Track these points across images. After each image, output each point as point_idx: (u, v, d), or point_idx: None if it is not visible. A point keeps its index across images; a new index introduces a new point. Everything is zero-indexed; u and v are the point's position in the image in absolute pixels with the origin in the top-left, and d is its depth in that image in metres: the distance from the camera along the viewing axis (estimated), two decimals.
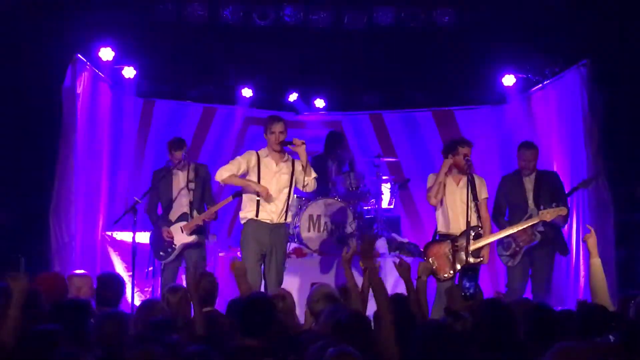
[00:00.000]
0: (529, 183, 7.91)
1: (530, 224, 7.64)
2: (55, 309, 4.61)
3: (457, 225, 7.50)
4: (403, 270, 5.37)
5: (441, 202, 7.64)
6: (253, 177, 7.46)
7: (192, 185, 8.09)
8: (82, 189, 8.64)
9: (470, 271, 7.16)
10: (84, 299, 5.36)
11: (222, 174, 7.42)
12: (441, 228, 7.65)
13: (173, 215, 8.11)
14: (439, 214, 7.68)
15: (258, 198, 7.42)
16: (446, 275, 7.37)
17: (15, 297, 4.30)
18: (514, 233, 7.72)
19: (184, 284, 7.62)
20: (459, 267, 7.35)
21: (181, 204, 8.10)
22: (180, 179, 8.11)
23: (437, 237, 7.64)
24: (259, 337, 4.19)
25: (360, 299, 5.24)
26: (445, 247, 7.45)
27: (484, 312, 4.19)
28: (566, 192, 8.06)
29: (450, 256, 7.40)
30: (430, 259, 7.42)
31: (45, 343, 4.00)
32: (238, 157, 7.58)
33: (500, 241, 7.84)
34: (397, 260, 5.54)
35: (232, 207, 8.17)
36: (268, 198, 7.38)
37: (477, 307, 4.35)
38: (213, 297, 5.67)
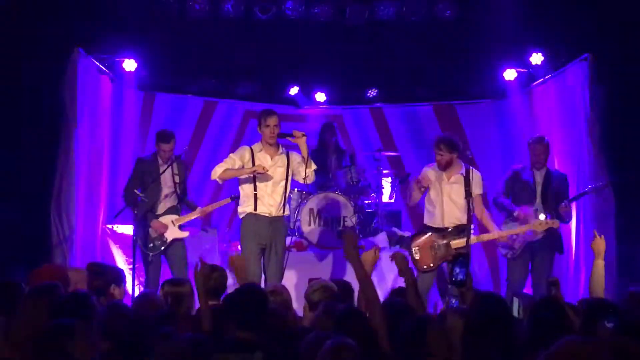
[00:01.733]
0: (539, 177, 7.99)
1: (525, 230, 7.66)
2: (58, 303, 4.58)
3: (442, 221, 7.51)
4: (399, 261, 5.16)
5: (429, 196, 7.62)
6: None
7: (177, 179, 8.06)
8: (83, 182, 8.62)
9: (461, 257, 7.17)
10: (85, 291, 5.33)
11: (217, 171, 7.40)
12: (427, 221, 7.65)
13: (161, 209, 8.07)
14: (427, 208, 7.67)
15: (255, 192, 7.41)
16: (425, 267, 7.41)
17: None
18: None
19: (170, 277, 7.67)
20: (439, 262, 7.41)
21: (169, 198, 8.07)
22: (167, 172, 8.03)
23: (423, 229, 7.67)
24: (253, 330, 4.16)
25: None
26: (431, 239, 7.46)
27: (479, 307, 4.17)
28: (573, 196, 8.04)
29: (435, 250, 7.43)
30: (414, 249, 7.46)
31: (62, 337, 3.95)
32: (231, 154, 7.55)
33: None
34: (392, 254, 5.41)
35: (231, 202, 8.17)
36: (266, 177, 7.35)
37: (472, 301, 4.32)
38: (221, 291, 5.64)
